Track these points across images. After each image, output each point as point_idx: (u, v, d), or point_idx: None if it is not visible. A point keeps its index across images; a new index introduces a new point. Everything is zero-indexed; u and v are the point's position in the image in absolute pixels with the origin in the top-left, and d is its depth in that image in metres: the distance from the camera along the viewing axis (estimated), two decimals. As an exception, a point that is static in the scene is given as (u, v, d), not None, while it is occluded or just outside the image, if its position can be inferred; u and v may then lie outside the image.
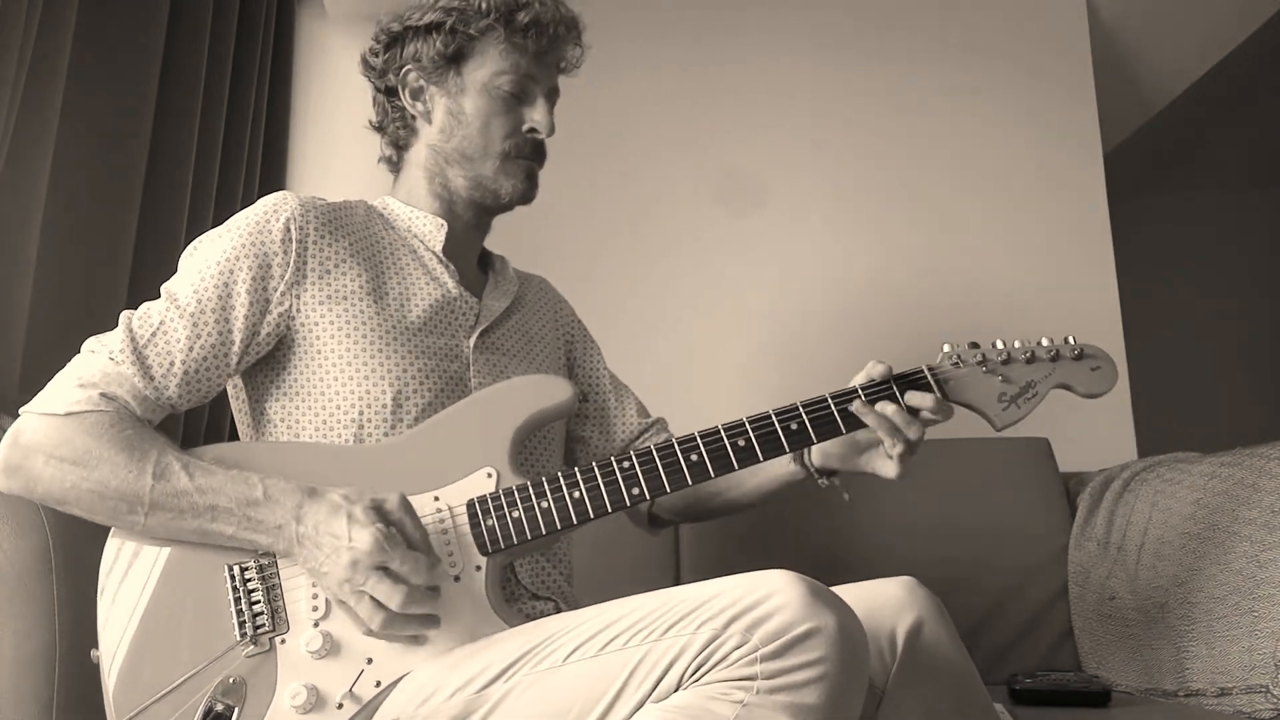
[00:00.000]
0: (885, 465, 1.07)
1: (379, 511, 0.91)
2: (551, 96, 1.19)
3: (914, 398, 1.04)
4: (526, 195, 1.18)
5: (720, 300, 2.08)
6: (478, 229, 1.22)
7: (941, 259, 2.12)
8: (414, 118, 1.18)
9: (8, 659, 1.01)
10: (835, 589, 0.96)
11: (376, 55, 1.19)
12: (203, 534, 0.93)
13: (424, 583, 0.89)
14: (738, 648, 0.74)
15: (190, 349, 1.00)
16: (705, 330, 2.07)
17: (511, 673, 0.83)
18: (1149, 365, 2.67)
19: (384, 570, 0.88)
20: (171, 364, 0.99)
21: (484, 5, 1.12)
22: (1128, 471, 1.62)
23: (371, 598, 0.88)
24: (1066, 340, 1.10)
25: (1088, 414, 2.04)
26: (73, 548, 1.05)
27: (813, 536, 1.66)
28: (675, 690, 0.76)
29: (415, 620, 0.90)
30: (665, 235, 2.11)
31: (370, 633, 0.90)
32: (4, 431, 1.12)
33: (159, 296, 1.04)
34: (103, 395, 0.96)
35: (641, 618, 0.80)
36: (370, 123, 1.24)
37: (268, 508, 0.92)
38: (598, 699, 0.79)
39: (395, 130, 1.20)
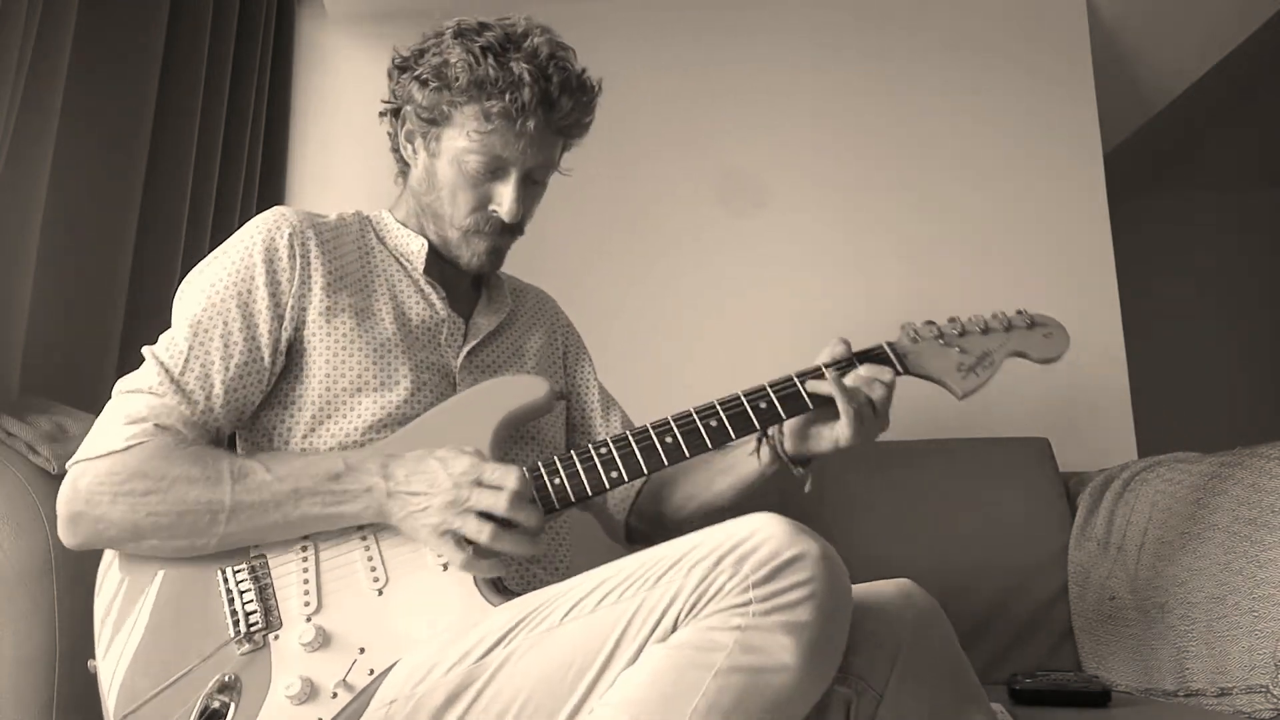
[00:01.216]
0: (841, 430, 1.07)
1: (458, 448, 0.97)
2: (537, 173, 1.14)
3: (869, 369, 1.08)
4: (485, 268, 1.17)
5: (720, 300, 2.08)
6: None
7: (941, 258, 2.12)
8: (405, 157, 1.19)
9: (8, 659, 1.01)
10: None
11: (391, 77, 1.17)
12: (287, 525, 0.95)
13: (514, 484, 0.93)
14: (730, 578, 0.78)
15: (226, 367, 1.02)
16: (705, 330, 2.07)
17: (509, 639, 0.85)
18: (1149, 365, 2.67)
19: (479, 483, 0.93)
20: (211, 385, 1.01)
21: (460, 80, 1.06)
22: (1128, 471, 1.62)
23: (476, 513, 0.93)
24: (1019, 311, 1.16)
25: (1088, 414, 2.05)
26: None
27: (813, 536, 1.66)
28: (673, 632, 0.79)
29: (522, 536, 0.95)
30: (665, 235, 2.11)
31: (472, 560, 0.93)
32: (6, 432, 1.12)
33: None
34: (156, 426, 0.96)
35: (633, 571, 0.83)
36: (388, 133, 1.22)
37: (352, 476, 0.96)
38: (599, 650, 0.81)
39: (397, 156, 1.21)
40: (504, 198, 1.11)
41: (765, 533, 0.80)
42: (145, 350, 1.03)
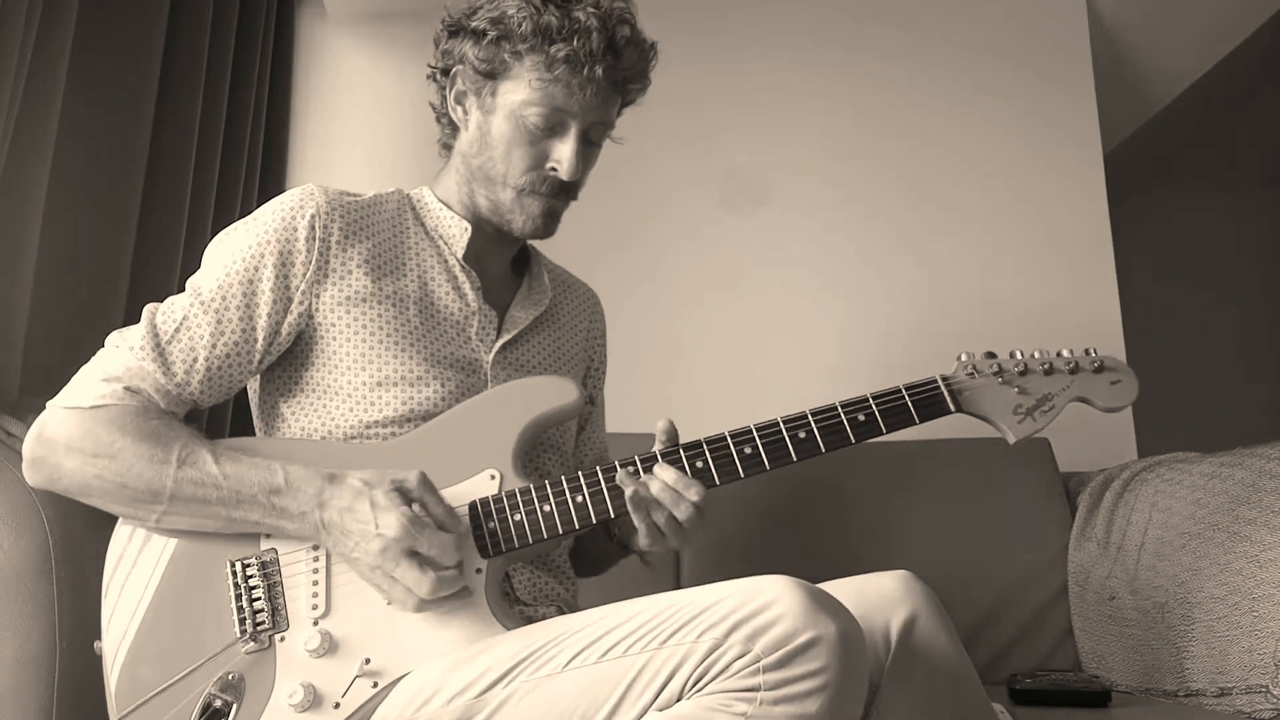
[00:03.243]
0: (640, 539, 0.98)
1: (401, 492, 0.91)
2: (595, 132, 1.09)
3: (678, 479, 0.95)
4: (539, 232, 1.11)
5: (721, 300, 2.09)
6: (506, 239, 1.16)
7: (942, 259, 2.12)
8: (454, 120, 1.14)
9: (8, 659, 1.01)
10: (831, 582, 0.95)
11: (439, 43, 1.12)
12: (229, 521, 0.93)
13: (453, 563, 0.90)
14: (740, 657, 0.74)
15: (214, 345, 1.00)
16: (707, 329, 2.07)
17: (511, 677, 0.83)
18: (1149, 365, 2.67)
19: (413, 554, 0.88)
20: (195, 360, 0.99)
21: (524, 27, 1.02)
22: (1128, 471, 1.62)
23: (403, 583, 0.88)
24: (1086, 352, 1.07)
25: (1088, 414, 2.04)
26: (73, 548, 1.05)
27: (814, 537, 1.66)
28: (677, 699, 0.76)
29: (450, 597, 0.91)
30: (666, 235, 2.11)
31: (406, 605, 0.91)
32: (6, 432, 1.12)
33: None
34: (127, 389, 0.96)
35: (642, 624, 0.80)
36: (430, 104, 1.17)
37: (290, 495, 0.92)
38: (599, 706, 0.78)
39: (444, 123, 1.16)
40: (563, 154, 1.06)
41: (783, 606, 0.75)
42: (146, 307, 1.01)
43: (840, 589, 0.94)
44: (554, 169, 1.07)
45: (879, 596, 0.92)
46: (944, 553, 1.63)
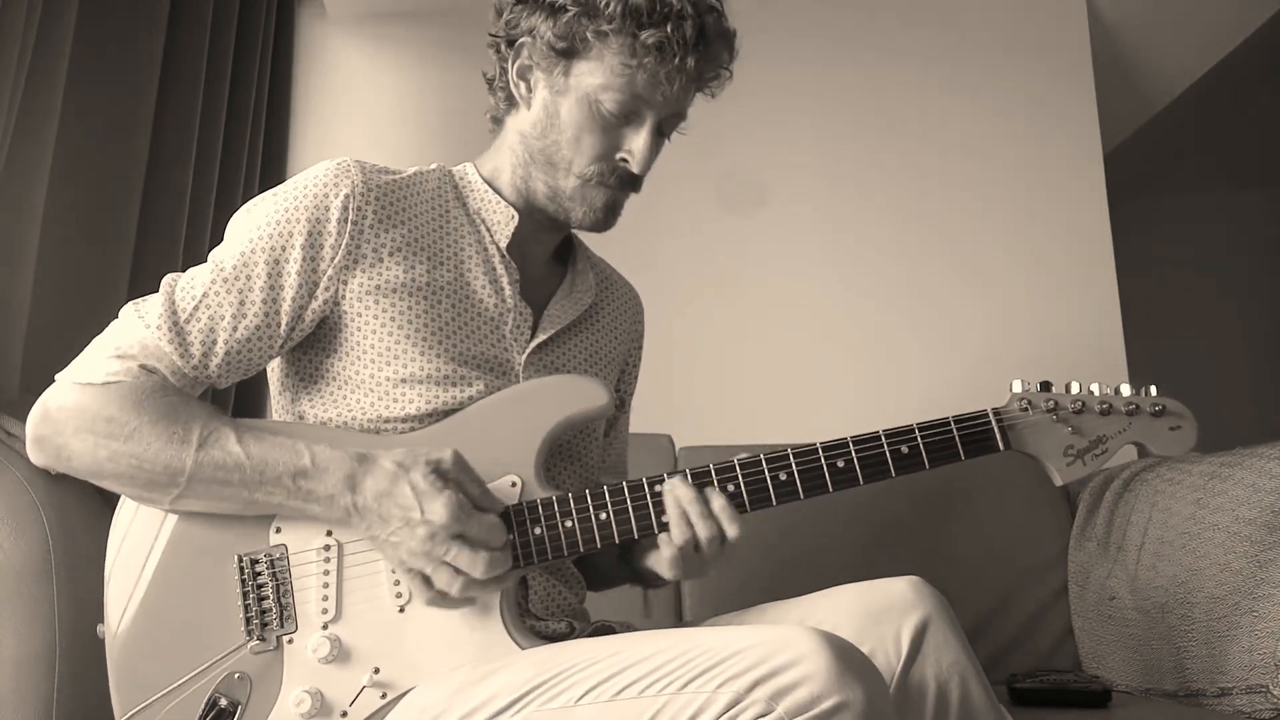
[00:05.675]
0: (659, 561, 0.96)
1: (439, 473, 0.87)
2: (669, 124, 1.03)
3: (721, 509, 0.93)
4: (598, 225, 1.05)
5: (721, 301, 2.09)
6: (556, 227, 1.09)
7: (941, 258, 2.12)
8: (514, 95, 1.05)
9: (8, 659, 1.01)
10: (841, 587, 0.95)
11: (502, 10, 1.03)
12: (249, 503, 0.89)
13: (501, 543, 0.87)
14: (761, 716, 0.71)
15: (235, 327, 0.94)
16: (708, 329, 2.07)
17: (520, 705, 0.80)
18: (1149, 365, 2.67)
19: (461, 537, 0.85)
20: (214, 342, 0.94)
21: (611, 7, 0.94)
22: (1128, 471, 1.62)
23: (452, 566, 0.85)
24: (1147, 392, 1.03)
25: (1088, 414, 2.05)
26: (73, 548, 1.05)
27: (814, 536, 1.66)
28: None
29: (493, 580, 0.87)
30: (665, 235, 2.11)
31: (438, 599, 0.87)
32: (6, 432, 1.12)
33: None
34: (141, 368, 0.91)
35: (660, 665, 0.77)
36: (484, 73, 1.09)
37: (317, 477, 0.88)
38: None
39: (499, 96, 1.07)
40: (636, 145, 0.99)
41: (810, 666, 0.71)
42: (166, 278, 0.96)
43: (849, 593, 0.94)
44: (624, 160, 1.01)
45: (890, 601, 0.91)
46: (944, 553, 1.63)
